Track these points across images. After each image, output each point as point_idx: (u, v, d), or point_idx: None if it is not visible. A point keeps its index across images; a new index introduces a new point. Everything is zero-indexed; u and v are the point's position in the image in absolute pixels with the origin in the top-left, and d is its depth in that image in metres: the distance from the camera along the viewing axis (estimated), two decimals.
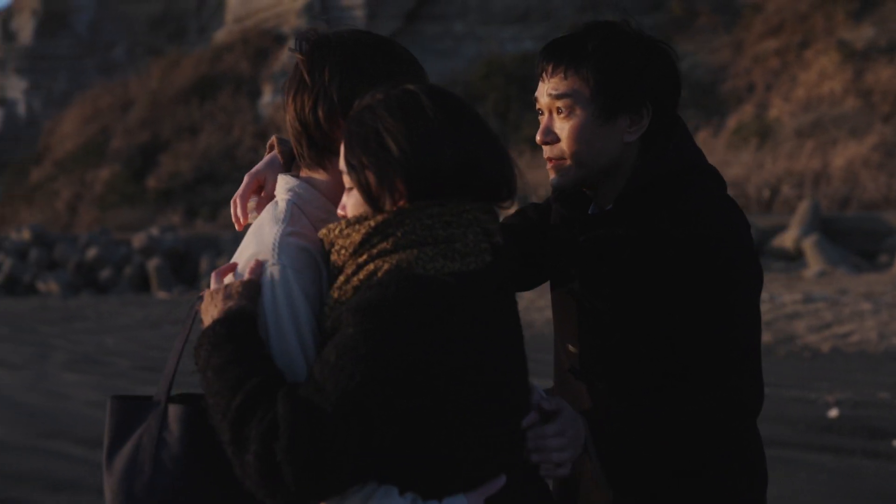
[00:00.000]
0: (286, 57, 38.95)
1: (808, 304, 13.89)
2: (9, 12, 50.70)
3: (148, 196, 35.98)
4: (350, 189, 1.67)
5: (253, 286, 1.68)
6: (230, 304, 1.66)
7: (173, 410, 1.75)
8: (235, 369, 1.57)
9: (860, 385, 8.59)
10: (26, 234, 28.98)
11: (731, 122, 30.17)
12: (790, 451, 6.50)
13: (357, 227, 1.63)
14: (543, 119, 2.00)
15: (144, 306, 21.08)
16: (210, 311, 1.69)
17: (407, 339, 1.54)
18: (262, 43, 40.10)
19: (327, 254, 1.69)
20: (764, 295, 15.31)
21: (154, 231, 28.23)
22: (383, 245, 1.60)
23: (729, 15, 34.99)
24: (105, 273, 26.35)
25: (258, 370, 1.57)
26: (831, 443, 6.69)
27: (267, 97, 38.34)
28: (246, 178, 1.91)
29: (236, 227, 1.95)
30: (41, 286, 26.56)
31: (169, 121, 38.96)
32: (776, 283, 17.64)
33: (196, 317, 1.78)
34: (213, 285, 1.75)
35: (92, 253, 26.84)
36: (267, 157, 1.93)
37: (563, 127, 1.96)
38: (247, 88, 39.05)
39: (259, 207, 1.92)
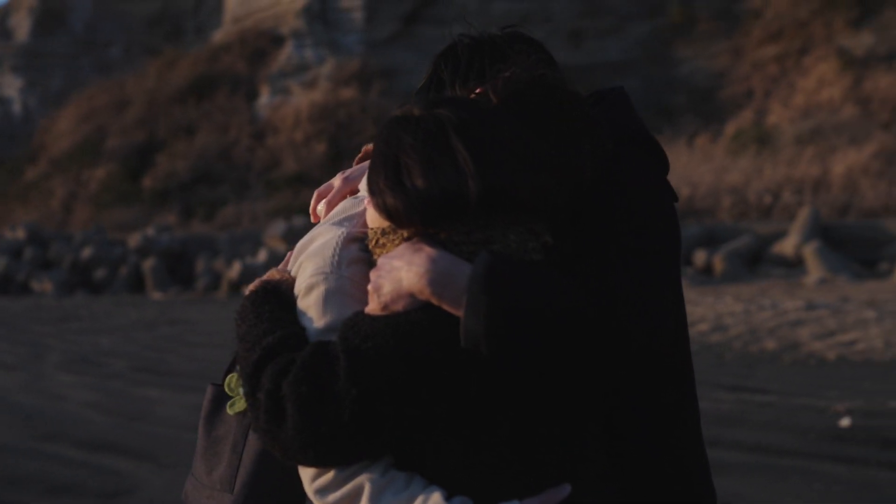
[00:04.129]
0: (284, 57, 38.84)
1: (811, 311, 13.80)
2: (5, 10, 50.54)
3: (144, 195, 35.84)
4: (370, 202, 1.62)
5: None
6: (258, 281, 1.72)
7: None
8: (255, 331, 1.61)
9: (870, 394, 8.47)
10: (21, 233, 28.78)
11: (730, 128, 30.12)
12: (803, 460, 6.39)
13: (391, 237, 1.59)
14: None
15: (139, 307, 20.93)
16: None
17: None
18: (260, 43, 39.97)
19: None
20: (765, 301, 15.24)
21: (150, 231, 28.08)
22: None
23: (729, 21, 34.95)
24: (100, 273, 26.18)
25: (277, 329, 1.60)
26: (844, 453, 6.57)
27: (264, 98, 38.22)
28: (339, 182, 1.87)
29: (311, 220, 1.91)
30: (35, 285, 26.38)
31: (165, 120, 38.82)
32: (776, 289, 17.56)
33: None
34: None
35: (87, 252, 26.66)
36: (362, 165, 1.89)
37: None
38: (244, 89, 38.93)
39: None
